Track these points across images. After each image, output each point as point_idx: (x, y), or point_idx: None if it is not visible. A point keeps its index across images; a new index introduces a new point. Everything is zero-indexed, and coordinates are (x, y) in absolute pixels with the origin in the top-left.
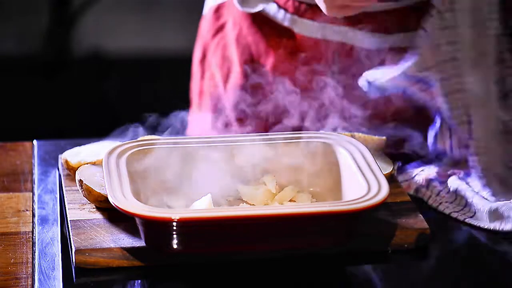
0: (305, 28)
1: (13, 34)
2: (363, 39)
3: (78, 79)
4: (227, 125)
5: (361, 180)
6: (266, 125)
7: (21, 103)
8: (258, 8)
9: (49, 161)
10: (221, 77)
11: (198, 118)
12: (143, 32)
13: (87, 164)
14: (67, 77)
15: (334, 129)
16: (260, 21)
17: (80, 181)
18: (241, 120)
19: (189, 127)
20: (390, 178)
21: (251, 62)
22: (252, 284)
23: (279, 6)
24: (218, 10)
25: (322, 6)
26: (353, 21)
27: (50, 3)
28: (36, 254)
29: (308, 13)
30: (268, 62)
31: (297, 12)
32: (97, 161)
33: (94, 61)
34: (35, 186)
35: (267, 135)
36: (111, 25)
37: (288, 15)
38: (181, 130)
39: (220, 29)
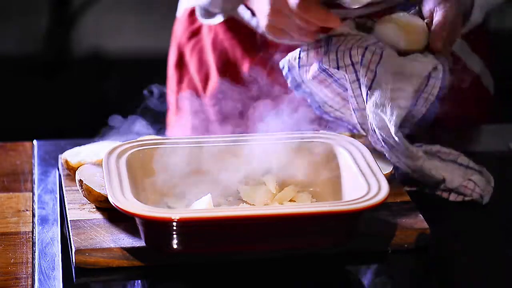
0: None
1: (13, 34)
2: None
3: (78, 79)
4: (208, 127)
5: (361, 180)
6: (247, 128)
7: (21, 103)
8: (218, 19)
9: (49, 161)
10: (199, 81)
11: (178, 122)
12: (143, 32)
13: (87, 164)
14: (67, 77)
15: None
16: (235, 26)
17: (80, 181)
18: (223, 122)
19: (169, 129)
20: (390, 178)
21: (227, 66)
22: (252, 284)
23: (253, 14)
24: (192, 13)
25: (262, 23)
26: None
27: (50, 3)
28: (36, 254)
29: None
30: (244, 67)
31: None
32: (97, 161)
33: (94, 61)
34: (35, 186)
35: (267, 135)
36: (111, 25)
37: None
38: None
39: (195, 32)
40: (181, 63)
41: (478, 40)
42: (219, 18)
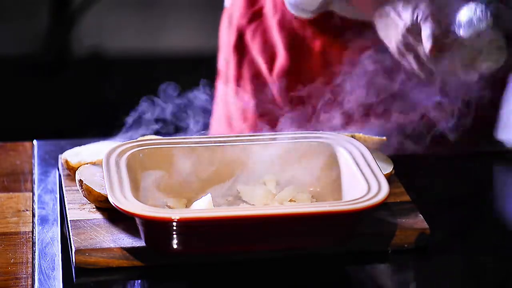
0: (345, 10)
1: (13, 34)
2: None
3: (78, 79)
4: (274, 110)
5: (361, 180)
6: (313, 110)
7: (21, 103)
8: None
9: (49, 161)
10: (264, 62)
11: (239, 102)
12: (143, 32)
13: (87, 164)
14: (67, 77)
15: (383, 114)
16: None
17: (80, 181)
18: (289, 103)
19: (217, 108)
20: (390, 178)
21: (297, 46)
22: (252, 284)
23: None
24: None
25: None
26: None
27: (50, 3)
28: (36, 254)
29: None
30: (315, 46)
31: None
32: (97, 161)
33: (94, 61)
34: (35, 186)
35: (267, 135)
36: (111, 25)
37: None
38: (182, 130)
39: (257, 14)
40: (240, 46)
41: None
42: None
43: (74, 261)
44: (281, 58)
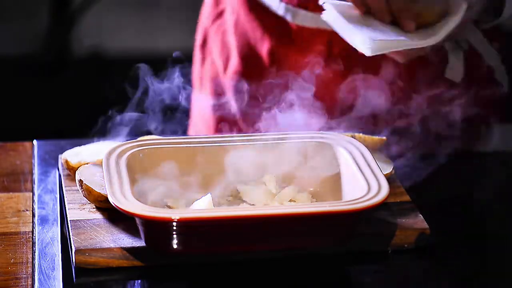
0: (299, 17)
1: (13, 34)
2: None
3: (78, 79)
4: (227, 110)
5: (361, 180)
6: (262, 109)
7: (21, 103)
8: None
9: (49, 161)
10: (221, 63)
11: (199, 102)
12: (143, 32)
13: (87, 164)
14: (67, 77)
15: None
16: (257, 8)
17: (80, 181)
18: (241, 104)
19: (192, 109)
20: (390, 178)
21: (248, 49)
22: (252, 284)
23: None
24: None
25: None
26: None
27: (50, 3)
28: (36, 254)
29: (301, 3)
30: (264, 49)
31: (291, 1)
32: (97, 161)
33: (94, 61)
34: (35, 186)
35: (268, 135)
36: (111, 25)
37: (283, 4)
38: (181, 130)
39: (219, 15)
40: (204, 46)
41: (495, 35)
42: None
43: (74, 261)
44: (234, 60)
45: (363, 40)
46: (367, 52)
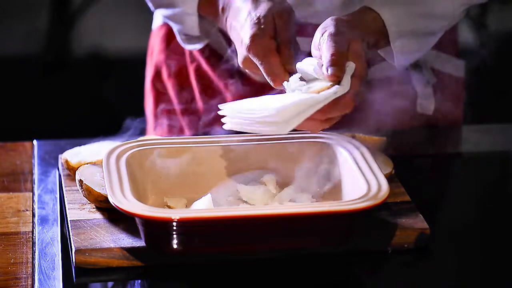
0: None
1: (13, 34)
2: None
3: (78, 79)
4: None
5: (361, 180)
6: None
7: (21, 103)
8: (198, 45)
9: (49, 161)
10: (179, 103)
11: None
12: (143, 32)
13: (87, 164)
14: (67, 77)
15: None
16: (216, 56)
17: (80, 181)
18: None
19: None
20: (390, 178)
21: (210, 92)
22: (252, 284)
23: (228, 43)
24: (170, 29)
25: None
26: None
27: (50, 3)
28: (36, 254)
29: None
30: (227, 95)
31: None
32: (97, 161)
33: (94, 61)
34: (35, 186)
35: (268, 135)
36: (111, 25)
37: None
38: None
39: (175, 52)
40: (157, 81)
41: (446, 38)
42: (199, 44)
43: (74, 261)
44: (199, 105)
45: (267, 117)
46: (283, 130)
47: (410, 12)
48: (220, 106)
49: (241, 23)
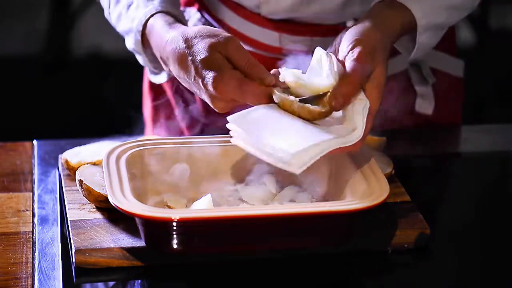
0: None
1: (13, 34)
2: None
3: (78, 79)
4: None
5: (361, 180)
6: None
7: (21, 103)
8: (165, 78)
9: (49, 161)
10: (176, 103)
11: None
12: None
13: (87, 164)
14: (67, 77)
15: None
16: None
17: (80, 181)
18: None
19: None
20: (390, 178)
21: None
22: (252, 284)
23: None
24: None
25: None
26: None
27: (50, 3)
28: (36, 254)
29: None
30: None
31: None
32: (97, 161)
33: (94, 61)
34: (35, 186)
35: None
36: (111, 25)
37: None
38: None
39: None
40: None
41: (445, 37)
42: (163, 77)
43: (74, 261)
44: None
45: (283, 158)
46: (296, 171)
47: (437, 4)
48: (228, 118)
49: (191, 73)
